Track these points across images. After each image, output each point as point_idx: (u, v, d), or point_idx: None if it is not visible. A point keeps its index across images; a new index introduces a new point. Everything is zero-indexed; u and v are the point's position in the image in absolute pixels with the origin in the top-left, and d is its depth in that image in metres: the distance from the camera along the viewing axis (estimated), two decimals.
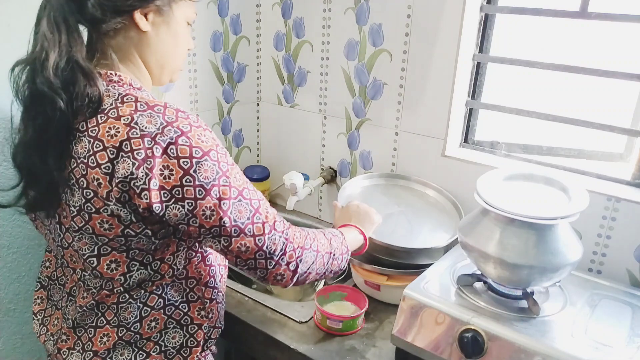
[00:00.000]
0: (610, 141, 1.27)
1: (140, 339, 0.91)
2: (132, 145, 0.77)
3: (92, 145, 0.79)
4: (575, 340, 0.89)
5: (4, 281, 1.22)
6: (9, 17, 1.09)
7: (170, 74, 0.96)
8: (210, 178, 0.80)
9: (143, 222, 0.82)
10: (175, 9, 0.89)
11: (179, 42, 0.93)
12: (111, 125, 0.79)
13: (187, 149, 0.78)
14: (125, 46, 0.87)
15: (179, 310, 0.93)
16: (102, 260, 0.85)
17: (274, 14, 1.61)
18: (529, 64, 1.26)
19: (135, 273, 0.87)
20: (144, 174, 0.77)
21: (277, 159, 1.77)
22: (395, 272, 1.21)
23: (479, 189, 0.99)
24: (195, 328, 0.95)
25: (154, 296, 0.90)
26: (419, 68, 1.36)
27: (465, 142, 1.42)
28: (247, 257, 0.87)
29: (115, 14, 0.83)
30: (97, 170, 0.79)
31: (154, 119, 0.79)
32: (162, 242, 0.86)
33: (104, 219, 0.81)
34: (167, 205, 0.79)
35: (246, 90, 1.69)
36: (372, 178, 1.46)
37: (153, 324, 0.91)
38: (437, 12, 1.29)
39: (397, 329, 1.01)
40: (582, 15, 1.16)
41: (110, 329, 0.90)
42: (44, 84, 0.79)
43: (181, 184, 0.78)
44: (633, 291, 1.06)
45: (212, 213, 0.81)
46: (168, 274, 0.90)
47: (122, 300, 0.89)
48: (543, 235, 0.93)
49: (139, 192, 0.77)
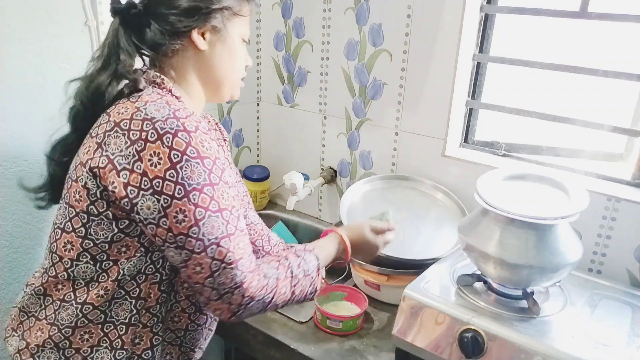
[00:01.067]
0: (610, 141, 1.27)
1: (68, 347, 0.87)
2: (131, 125, 0.79)
3: (102, 119, 0.85)
4: (575, 340, 0.89)
5: (4, 281, 1.22)
6: (9, 17, 1.09)
7: (230, 90, 0.99)
8: (194, 181, 0.78)
9: (107, 202, 0.81)
10: (230, 27, 0.93)
11: (235, 59, 0.96)
12: (124, 106, 0.83)
13: (183, 144, 0.77)
14: (182, 65, 0.92)
15: (116, 330, 0.88)
16: (63, 236, 0.86)
17: (274, 14, 1.61)
18: (529, 64, 1.26)
19: (82, 264, 0.85)
20: (132, 154, 0.78)
21: (277, 159, 1.77)
22: (395, 272, 1.21)
23: (479, 189, 0.99)
24: (123, 354, 0.88)
25: (96, 311, 0.86)
26: (419, 68, 1.36)
27: (465, 142, 1.42)
28: (196, 281, 0.82)
29: (174, 36, 0.88)
30: (93, 140, 0.83)
31: (163, 110, 0.80)
32: (120, 235, 0.83)
33: (77, 188, 0.84)
34: (143, 194, 0.78)
35: (246, 90, 1.69)
36: (372, 182, 1.45)
37: (86, 336, 0.87)
38: (437, 12, 1.29)
39: (397, 329, 1.01)
40: (582, 15, 1.16)
41: (45, 324, 0.88)
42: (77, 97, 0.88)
43: (164, 177, 0.77)
44: (633, 291, 1.06)
45: (184, 218, 0.78)
46: (113, 276, 0.85)
47: (66, 299, 0.87)
48: (543, 235, 0.93)
49: (119, 170, 0.78)
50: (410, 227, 1.31)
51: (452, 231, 1.27)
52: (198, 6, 0.88)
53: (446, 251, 1.22)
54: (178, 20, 0.88)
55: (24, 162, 1.18)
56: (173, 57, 0.91)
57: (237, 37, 0.95)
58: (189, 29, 0.89)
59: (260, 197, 1.72)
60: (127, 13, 0.88)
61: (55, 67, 1.18)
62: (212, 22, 0.90)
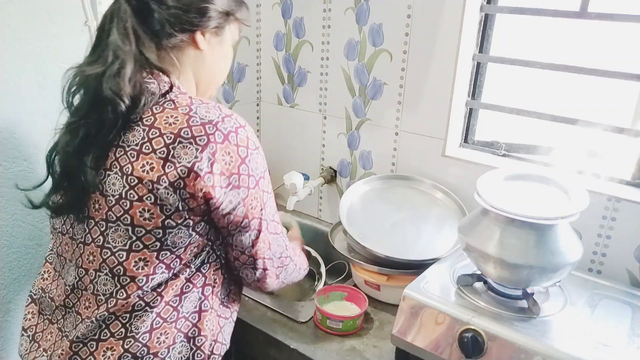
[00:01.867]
0: (610, 141, 1.27)
1: (147, 353, 0.86)
2: (194, 132, 0.81)
3: (147, 133, 0.82)
4: (575, 340, 0.89)
5: (4, 281, 1.22)
6: (9, 17, 1.09)
7: (214, 89, 1.02)
8: (259, 170, 0.87)
9: (187, 211, 0.83)
10: (228, 31, 0.96)
11: (227, 61, 1.00)
12: (169, 115, 0.83)
13: (245, 139, 0.85)
14: (181, 61, 0.92)
15: (188, 321, 0.90)
16: (132, 256, 0.84)
17: (274, 14, 1.61)
18: (529, 64, 1.26)
19: (158, 276, 0.85)
20: (207, 157, 0.80)
21: (277, 159, 1.77)
22: (395, 272, 1.21)
23: (479, 189, 0.99)
24: (202, 340, 0.91)
25: (169, 308, 0.87)
26: (419, 68, 1.36)
27: (465, 142, 1.42)
28: (259, 257, 0.93)
29: (179, 32, 0.89)
30: (152, 156, 0.81)
31: (213, 110, 0.84)
32: (196, 238, 0.86)
33: (145, 207, 0.81)
34: (225, 192, 0.83)
35: (246, 90, 1.69)
36: (372, 182, 1.45)
37: (163, 337, 0.87)
38: (437, 12, 1.29)
39: (397, 329, 1.01)
40: (582, 15, 1.16)
41: (114, 342, 0.86)
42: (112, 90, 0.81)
43: (238, 172, 0.84)
44: (633, 291, 1.06)
45: (257, 203, 0.88)
46: (184, 274, 0.88)
47: (137, 309, 0.86)
48: (543, 235, 0.93)
49: (203, 175, 0.80)
50: (410, 227, 1.31)
51: (452, 231, 1.27)
52: (207, 7, 0.90)
53: (446, 251, 1.22)
54: (186, 16, 0.88)
55: (24, 162, 1.18)
56: (172, 52, 0.90)
57: (230, 42, 0.98)
58: (196, 28, 0.90)
59: None
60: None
61: (55, 67, 1.17)
62: (216, 24, 0.92)
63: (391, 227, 1.32)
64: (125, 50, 0.83)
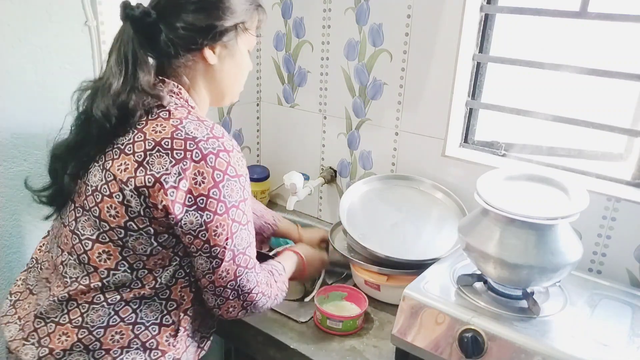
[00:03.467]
0: (610, 141, 1.27)
1: (99, 348, 0.87)
2: (174, 144, 0.82)
3: (135, 136, 0.85)
4: (575, 340, 0.89)
5: (3, 281, 1.22)
6: (9, 17, 1.09)
7: (231, 97, 1.03)
8: (233, 198, 0.85)
9: (149, 219, 0.83)
10: (240, 42, 0.95)
11: (242, 72, 1.00)
12: (159, 123, 0.85)
13: (224, 164, 0.83)
14: (192, 75, 0.93)
15: (147, 331, 0.89)
16: (96, 247, 0.86)
17: (274, 14, 1.61)
18: (529, 64, 1.26)
19: (120, 274, 0.86)
20: (177, 172, 0.80)
21: (277, 159, 1.77)
22: (395, 272, 1.21)
23: (479, 189, 0.99)
24: (158, 354, 0.90)
25: (128, 308, 0.88)
26: (419, 68, 1.36)
27: (465, 142, 1.42)
28: (219, 284, 0.90)
29: (186, 51, 0.90)
30: (131, 157, 0.83)
31: (201, 129, 0.84)
32: (158, 249, 0.86)
33: (113, 204, 0.84)
34: (187, 210, 0.82)
35: (246, 90, 1.67)
36: (372, 182, 1.45)
37: (117, 337, 0.87)
38: (437, 12, 1.29)
39: (397, 329, 1.01)
40: (582, 15, 1.16)
41: (70, 328, 0.87)
42: (100, 110, 0.85)
43: (207, 195, 0.82)
44: (633, 291, 1.06)
45: (222, 231, 0.85)
46: (149, 284, 0.88)
47: (95, 301, 0.87)
48: (543, 235, 0.93)
49: (167, 188, 0.80)
50: (410, 227, 1.31)
51: (452, 231, 1.27)
52: (213, 25, 0.89)
53: (446, 251, 1.22)
54: (191, 36, 0.89)
55: (24, 162, 1.18)
56: (182, 68, 0.92)
57: (244, 50, 0.98)
58: (202, 46, 0.90)
59: (260, 197, 1.72)
60: (141, 21, 0.87)
61: (55, 67, 1.18)
62: (224, 39, 0.92)
63: (391, 227, 1.32)
64: (117, 72, 0.85)
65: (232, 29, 0.92)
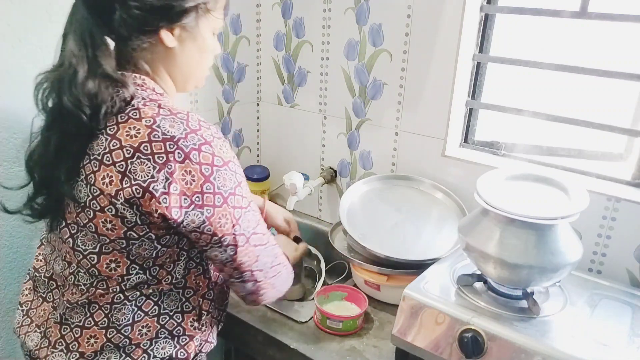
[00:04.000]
0: (610, 141, 1.27)
1: (129, 344, 0.88)
2: (153, 148, 0.78)
3: (109, 144, 0.80)
4: (575, 340, 0.89)
5: (4, 281, 1.22)
6: (9, 17, 1.09)
7: (195, 82, 0.96)
8: (227, 187, 0.82)
9: (148, 225, 0.82)
10: (202, 24, 0.88)
11: (205, 55, 0.93)
12: (132, 126, 0.80)
13: (209, 156, 0.80)
14: (151, 60, 0.88)
15: (172, 320, 0.91)
16: (102, 259, 0.85)
17: (274, 14, 1.61)
18: (529, 64, 1.26)
19: (133, 277, 0.86)
20: (165, 177, 0.77)
21: (277, 159, 1.77)
22: (395, 272, 1.21)
23: (479, 189, 0.99)
24: (186, 339, 0.92)
25: (149, 302, 0.89)
26: (419, 68, 1.36)
27: (465, 142, 1.42)
28: (244, 270, 0.90)
29: (141, 33, 0.83)
30: (112, 168, 0.79)
31: (177, 125, 0.80)
32: (164, 250, 0.86)
33: (107, 218, 0.81)
34: (186, 211, 0.80)
35: (246, 90, 1.69)
36: (372, 182, 1.45)
37: (144, 330, 0.89)
38: (437, 12, 1.29)
39: (397, 329, 1.01)
40: (582, 15, 1.16)
41: (97, 331, 0.88)
42: (70, 101, 0.79)
43: (201, 191, 0.80)
44: (633, 291, 1.06)
45: (227, 221, 0.83)
46: (166, 280, 0.89)
47: (116, 301, 0.87)
48: (543, 235, 0.93)
49: (158, 196, 0.77)
50: (410, 227, 1.31)
51: (452, 231, 1.27)
52: (170, 5, 0.82)
53: (446, 251, 1.22)
54: (145, 17, 0.81)
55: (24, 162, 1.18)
56: (141, 52, 0.86)
57: (208, 33, 0.90)
58: (158, 27, 0.83)
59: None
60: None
61: None
62: (182, 21, 0.84)
63: (391, 227, 1.32)
64: (79, 57, 0.80)
65: (192, 10, 0.84)
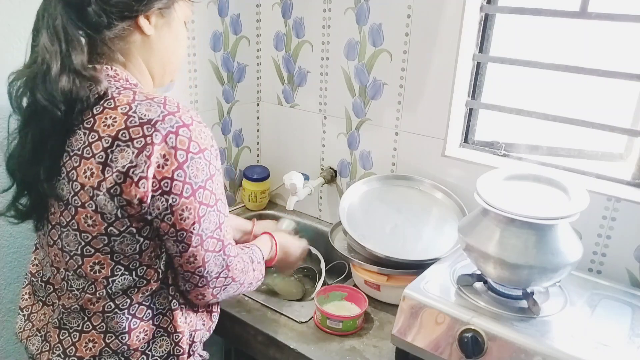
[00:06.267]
0: (610, 141, 1.27)
1: (127, 350, 0.88)
2: (131, 134, 0.77)
3: (88, 137, 0.79)
4: (575, 340, 0.89)
5: (4, 281, 1.22)
6: (9, 17, 1.09)
7: (171, 74, 0.96)
8: (199, 178, 0.80)
9: (128, 218, 0.80)
10: (177, 9, 0.89)
11: (180, 42, 0.92)
12: (108, 115, 0.79)
13: (186, 141, 0.78)
14: (127, 50, 0.86)
15: (166, 317, 0.91)
16: (86, 261, 0.84)
17: (274, 14, 1.61)
18: (529, 64, 1.26)
19: (118, 278, 0.85)
20: (143, 161, 0.76)
21: (277, 159, 1.77)
22: (395, 272, 1.21)
23: (479, 189, 0.99)
24: (179, 336, 0.92)
25: (142, 307, 0.88)
26: (419, 68, 1.36)
27: (465, 142, 1.42)
28: (187, 269, 0.87)
29: (120, 20, 0.82)
30: (92, 160, 0.78)
31: (154, 108, 0.78)
32: (147, 242, 0.84)
33: (88, 214, 0.80)
34: (153, 195, 0.78)
35: (246, 90, 1.69)
36: (372, 182, 1.45)
37: (142, 335, 0.89)
38: (437, 12, 1.29)
39: (397, 329, 1.01)
40: (582, 15, 1.16)
41: (96, 335, 0.87)
42: (44, 98, 0.78)
43: (172, 177, 0.78)
44: (633, 291, 1.06)
45: (189, 215, 0.81)
46: (154, 278, 0.87)
47: (107, 310, 0.86)
48: (543, 235, 0.93)
49: (137, 181, 0.76)
50: (410, 227, 1.31)
51: (452, 231, 1.27)
52: None
53: (446, 251, 1.22)
54: (124, 3, 0.81)
55: None
56: (117, 42, 0.84)
57: (181, 20, 0.91)
58: (136, 13, 0.82)
59: (260, 197, 1.72)
60: None
61: None
62: (159, 5, 0.84)
63: (391, 227, 1.32)
64: (53, 52, 0.78)
65: None
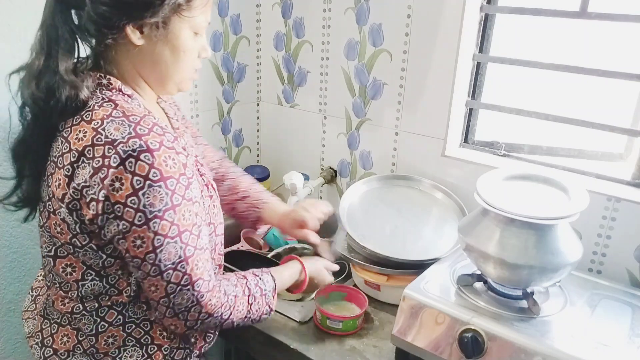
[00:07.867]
0: (610, 141, 1.27)
1: (96, 352, 0.88)
2: (95, 152, 0.76)
3: (62, 147, 0.80)
4: (575, 340, 0.89)
5: (4, 281, 1.22)
6: (9, 17, 1.09)
7: (176, 85, 0.90)
8: (156, 207, 0.76)
9: (87, 235, 0.80)
10: (175, 22, 0.83)
11: (180, 56, 0.86)
12: (81, 129, 0.79)
13: (146, 167, 0.74)
14: (121, 59, 0.85)
15: (139, 328, 0.89)
16: (58, 262, 0.85)
17: (274, 14, 1.61)
18: (529, 64, 1.26)
19: (88, 283, 0.84)
20: (97, 183, 0.75)
21: (277, 159, 1.77)
22: (395, 272, 1.21)
23: (479, 189, 0.99)
24: (154, 349, 0.89)
25: (112, 312, 0.87)
26: (419, 68, 1.36)
27: (465, 142, 1.42)
28: (152, 298, 0.84)
29: (107, 29, 0.79)
30: (61, 172, 0.79)
31: (123, 127, 0.76)
32: (111, 260, 0.83)
33: (57, 221, 0.81)
34: (107, 218, 0.77)
35: (246, 90, 1.69)
36: (372, 182, 1.45)
37: (110, 340, 0.87)
38: (437, 12, 1.29)
39: (397, 329, 1.01)
40: (582, 15, 1.16)
41: (70, 330, 0.88)
42: (28, 94, 0.80)
43: (125, 203, 0.75)
44: (633, 291, 1.06)
45: (142, 244, 0.77)
46: (126, 291, 0.86)
47: (75, 311, 0.87)
48: (543, 235, 0.93)
49: (88, 202, 0.76)
50: (410, 227, 1.31)
51: (452, 231, 1.27)
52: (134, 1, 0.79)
53: (446, 251, 1.22)
54: (111, 12, 0.78)
55: None
56: (111, 50, 0.83)
57: (185, 32, 0.84)
58: (123, 23, 0.79)
59: None
60: None
61: None
62: (149, 18, 0.79)
63: (391, 227, 1.32)
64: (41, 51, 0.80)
65: (160, 6, 0.79)
